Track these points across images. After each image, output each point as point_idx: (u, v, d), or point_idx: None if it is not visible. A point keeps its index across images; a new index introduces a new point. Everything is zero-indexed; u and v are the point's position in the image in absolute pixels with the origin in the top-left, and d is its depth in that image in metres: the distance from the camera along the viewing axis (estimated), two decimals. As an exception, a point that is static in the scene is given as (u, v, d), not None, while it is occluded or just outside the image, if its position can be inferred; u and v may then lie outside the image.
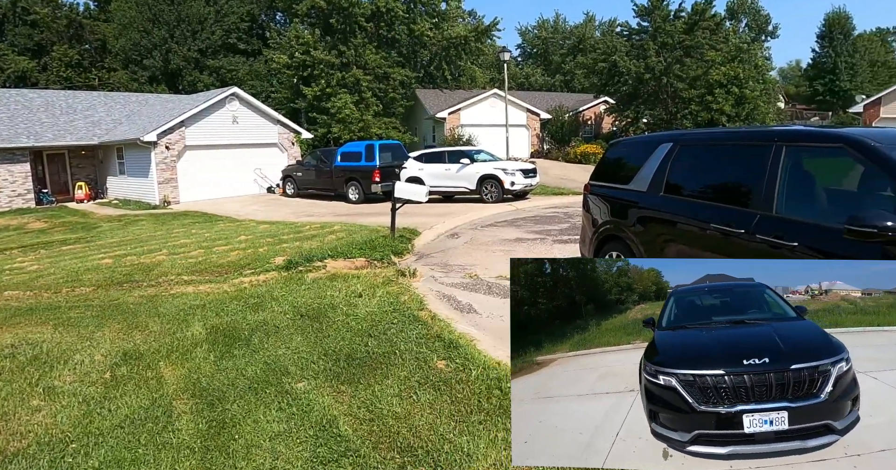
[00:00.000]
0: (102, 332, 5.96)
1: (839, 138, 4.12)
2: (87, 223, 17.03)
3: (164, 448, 3.59)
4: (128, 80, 40.57)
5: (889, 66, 58.53)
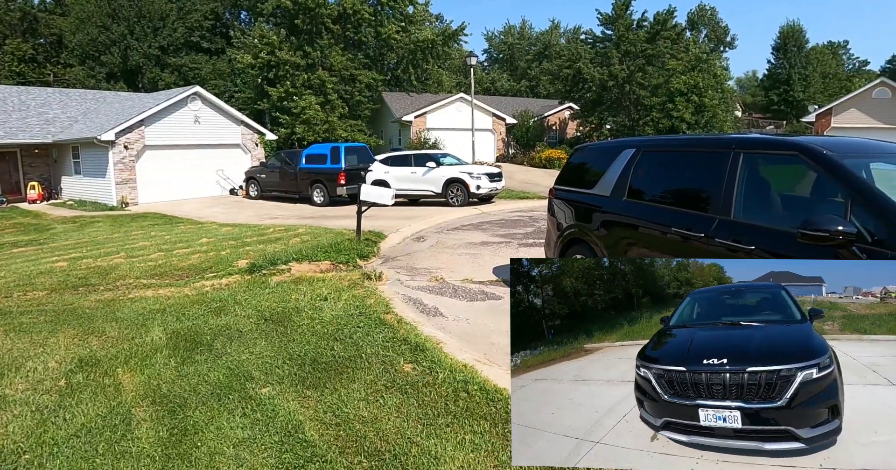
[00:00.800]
0: (57, 338, 5.75)
1: (793, 146, 4.28)
2: (39, 225, 16.43)
3: (123, 457, 3.49)
4: (84, 76, 39.34)
5: (840, 78, 60.91)
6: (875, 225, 3.47)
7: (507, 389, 4.10)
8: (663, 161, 5.61)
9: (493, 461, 3.23)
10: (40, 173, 23.49)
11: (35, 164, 23.39)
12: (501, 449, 3.34)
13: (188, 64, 40.59)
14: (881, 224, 3.45)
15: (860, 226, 3.51)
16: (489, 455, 3.29)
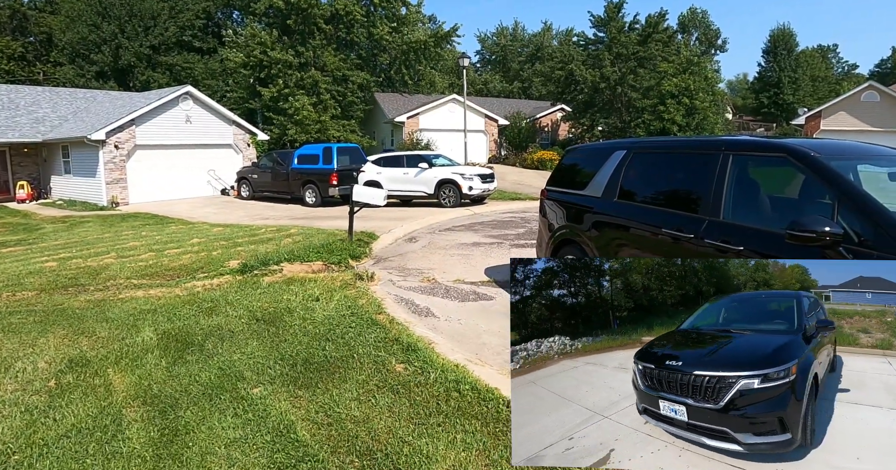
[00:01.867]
0: (46, 338, 5.72)
1: (782, 148, 4.33)
2: (28, 224, 16.30)
3: (114, 458, 3.48)
4: (74, 75, 39.04)
5: (829, 82, 61.48)
6: (861, 226, 3.53)
7: (498, 389, 4.12)
8: (654, 162, 5.66)
9: (485, 460, 3.25)
10: (29, 173, 23.31)
11: (24, 163, 23.21)
12: (493, 448, 3.36)
13: (180, 63, 40.39)
14: (867, 225, 3.50)
15: (847, 227, 3.56)
16: (480, 454, 3.31)
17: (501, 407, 3.84)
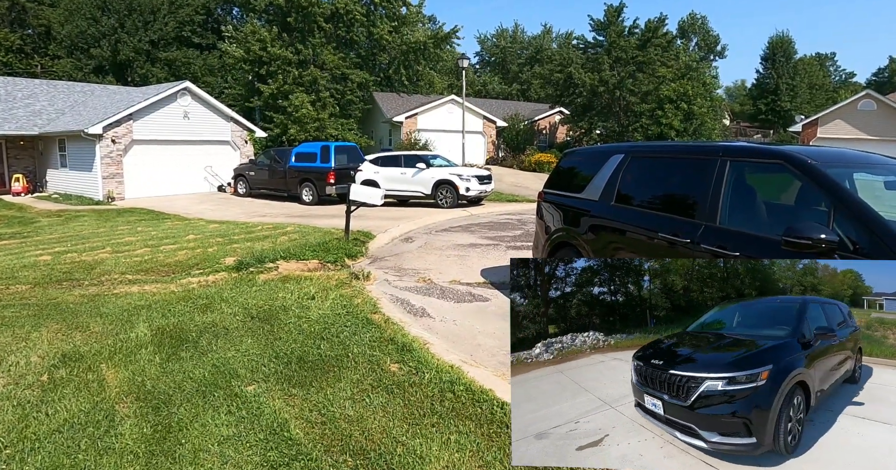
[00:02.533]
0: (40, 332, 5.70)
1: (779, 155, 4.35)
2: (24, 218, 16.23)
3: (106, 453, 3.47)
4: (72, 69, 38.87)
5: (826, 90, 61.79)
6: (857, 234, 3.54)
7: (493, 391, 4.13)
8: (651, 167, 5.67)
9: (479, 461, 3.25)
10: (25, 166, 23.21)
11: (20, 156, 23.11)
12: (486, 449, 3.37)
13: (179, 59, 40.27)
14: (863, 233, 3.52)
15: (842, 234, 3.58)
16: (474, 455, 3.31)
17: (496, 408, 3.84)
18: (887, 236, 3.41)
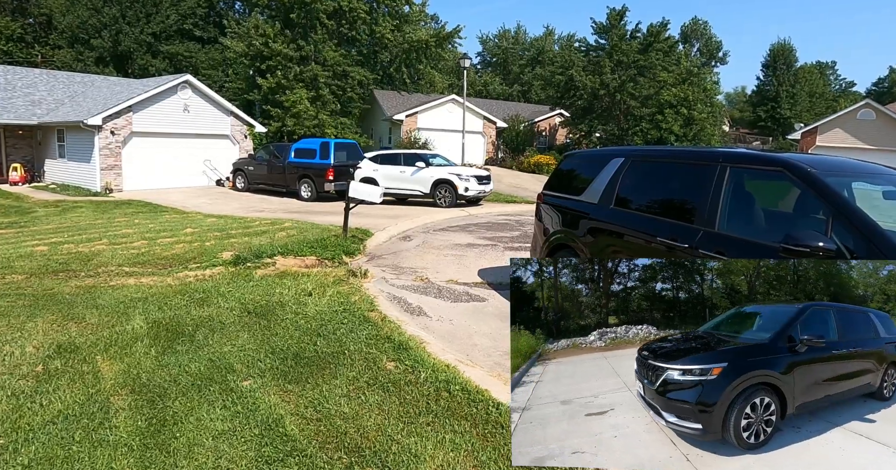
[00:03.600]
0: (35, 322, 5.69)
1: (779, 162, 4.37)
2: (21, 207, 16.17)
3: (100, 445, 3.46)
4: (73, 59, 38.72)
5: (826, 98, 61.95)
6: (854, 242, 3.56)
7: (488, 391, 4.13)
8: (651, 171, 5.69)
9: (473, 461, 3.26)
10: (23, 155, 23.12)
11: (18, 145, 23.02)
12: (481, 449, 3.37)
13: (180, 52, 40.16)
14: (860, 242, 3.54)
15: (840, 243, 3.60)
16: (469, 455, 3.32)
17: (491, 409, 3.85)
18: (884, 246, 3.43)
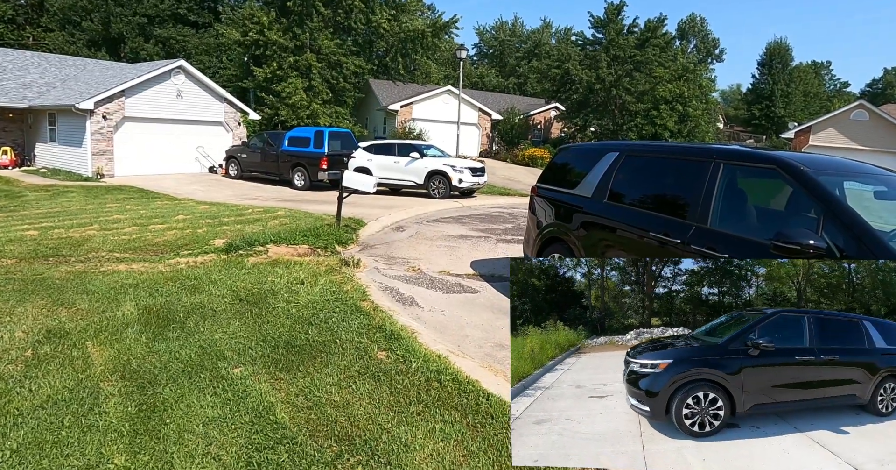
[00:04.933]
0: (24, 307, 5.65)
1: (772, 160, 4.39)
2: (10, 191, 16.02)
3: (90, 431, 3.46)
4: (64, 42, 38.25)
5: (820, 98, 62.21)
6: (845, 241, 3.60)
7: (479, 382, 4.16)
8: (645, 166, 5.70)
9: (462, 451, 3.29)
10: (13, 138, 22.86)
11: (9, 128, 22.76)
12: (471, 439, 3.40)
13: (173, 36, 39.74)
14: (850, 241, 3.57)
15: (830, 241, 3.63)
16: (459, 445, 3.34)
17: (481, 399, 3.87)
18: (874, 245, 3.46)
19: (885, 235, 3.57)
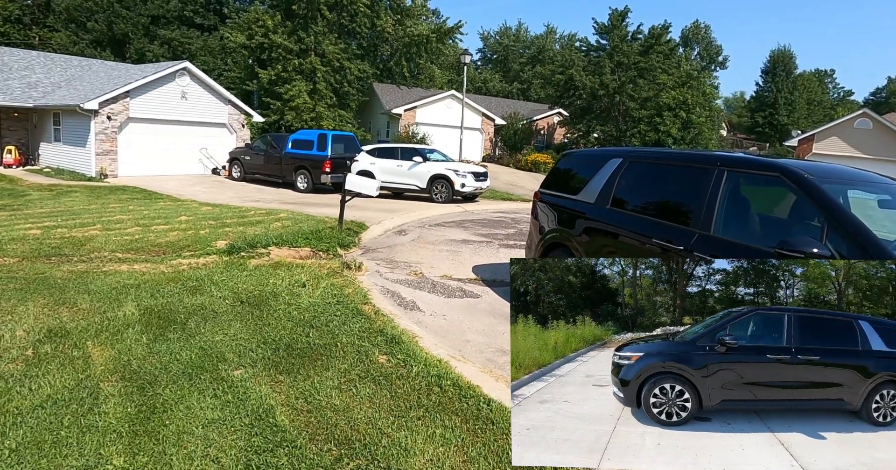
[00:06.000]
0: (26, 306, 5.65)
1: (776, 168, 4.38)
2: (14, 190, 16.06)
3: (89, 431, 3.45)
4: (69, 42, 38.38)
5: (824, 106, 62.18)
6: (849, 250, 3.58)
7: (479, 387, 4.14)
8: (648, 173, 5.70)
9: (462, 456, 3.27)
10: (18, 137, 22.92)
11: (13, 127, 22.82)
12: (471, 445, 3.38)
13: (179, 38, 39.86)
14: (854, 250, 3.55)
15: (834, 250, 3.61)
16: (459, 450, 3.33)
17: (482, 405, 3.86)
18: (879, 255, 3.45)
19: (889, 244, 3.56)
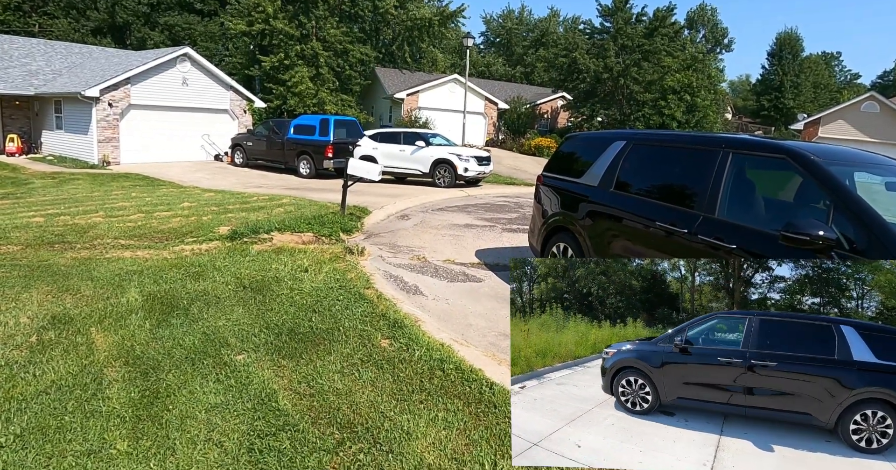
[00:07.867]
0: (30, 293, 5.67)
1: (782, 150, 4.32)
2: (17, 178, 16.07)
3: (93, 416, 3.47)
4: (69, 29, 38.17)
5: (830, 89, 61.47)
6: (855, 233, 3.54)
7: (482, 370, 4.14)
8: (652, 155, 5.64)
9: (465, 440, 3.27)
10: (20, 126, 22.90)
11: (15, 116, 22.79)
12: (473, 428, 3.38)
13: (179, 24, 39.59)
14: (861, 233, 3.51)
15: (840, 233, 3.57)
16: (461, 433, 3.33)
17: (484, 388, 3.86)
18: (885, 237, 3.41)
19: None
